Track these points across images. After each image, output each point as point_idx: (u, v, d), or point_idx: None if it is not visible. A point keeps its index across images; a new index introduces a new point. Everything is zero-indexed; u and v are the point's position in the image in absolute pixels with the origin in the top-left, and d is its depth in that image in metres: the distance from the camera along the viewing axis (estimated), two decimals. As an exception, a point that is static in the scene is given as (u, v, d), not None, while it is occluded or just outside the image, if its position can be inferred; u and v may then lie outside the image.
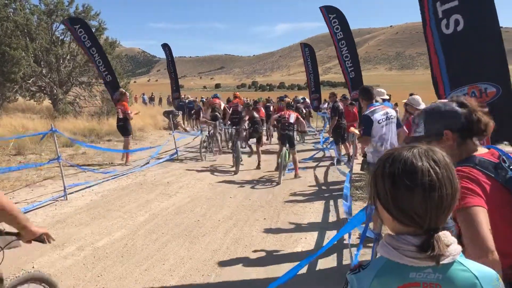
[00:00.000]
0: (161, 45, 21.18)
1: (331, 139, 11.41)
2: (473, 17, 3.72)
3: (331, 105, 11.36)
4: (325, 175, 8.99)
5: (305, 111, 17.62)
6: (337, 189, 7.51)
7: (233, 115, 11.91)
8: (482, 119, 1.64)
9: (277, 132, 9.36)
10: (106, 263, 4.24)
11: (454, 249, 1.00)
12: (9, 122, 13.17)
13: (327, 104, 17.19)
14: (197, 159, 10.92)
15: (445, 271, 0.99)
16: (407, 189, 0.98)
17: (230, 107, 12.25)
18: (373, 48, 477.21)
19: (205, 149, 11.17)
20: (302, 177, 8.66)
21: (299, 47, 19.87)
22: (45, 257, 4.39)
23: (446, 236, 1.00)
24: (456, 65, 3.97)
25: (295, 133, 9.45)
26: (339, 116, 10.24)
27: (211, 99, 13.14)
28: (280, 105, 13.75)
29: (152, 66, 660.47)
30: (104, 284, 3.80)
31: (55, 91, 17.73)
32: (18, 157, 9.79)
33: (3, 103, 16.91)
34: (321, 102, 19.56)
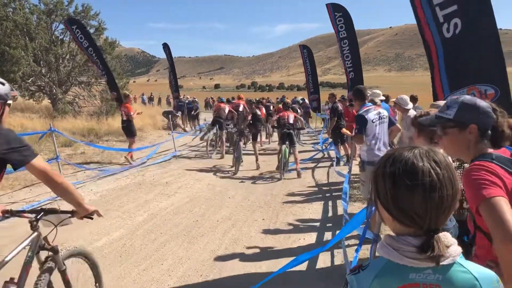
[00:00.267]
0: (162, 44, 21.18)
1: (330, 140, 11.41)
2: (471, 19, 3.74)
3: (330, 106, 11.35)
4: (324, 176, 8.99)
5: (300, 111, 17.70)
6: (336, 189, 7.51)
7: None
8: (505, 130, 1.70)
9: (277, 132, 9.66)
10: (104, 263, 4.22)
11: (454, 251, 0.99)
12: (8, 121, 13.11)
13: (328, 105, 17.22)
14: (199, 157, 10.91)
15: (445, 272, 0.99)
16: (407, 189, 0.98)
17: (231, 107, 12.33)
18: (372, 49, 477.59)
19: (212, 147, 11.58)
20: (301, 177, 8.67)
21: (298, 48, 19.93)
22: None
23: (446, 237, 1.00)
24: (455, 67, 3.99)
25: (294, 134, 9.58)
26: (338, 117, 10.23)
27: (217, 103, 13.30)
28: (280, 106, 13.92)
29: (151, 66, 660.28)
30: (102, 284, 3.78)
31: (54, 91, 17.71)
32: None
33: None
34: (320, 103, 19.59)
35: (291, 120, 9.08)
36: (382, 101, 6.50)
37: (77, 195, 2.44)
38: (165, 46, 20.99)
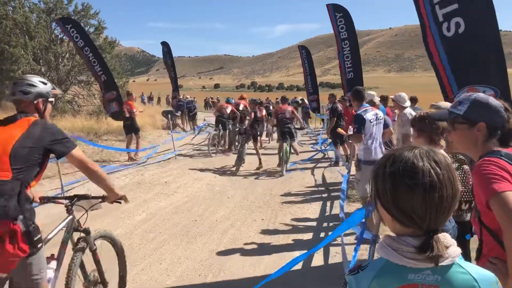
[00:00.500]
0: (161, 43, 21.00)
1: (330, 140, 11.42)
2: (474, 19, 3.73)
3: (330, 106, 11.36)
4: (323, 176, 8.99)
5: (301, 113, 17.87)
6: (335, 190, 7.51)
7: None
8: None
9: (277, 130, 9.97)
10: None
11: (453, 251, 0.99)
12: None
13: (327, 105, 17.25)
14: (198, 157, 10.91)
15: (444, 273, 0.99)
16: (407, 189, 0.98)
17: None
18: (372, 50, 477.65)
19: (213, 147, 11.67)
20: (300, 178, 8.67)
21: (298, 48, 19.91)
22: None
23: (445, 237, 1.00)
24: (460, 66, 3.98)
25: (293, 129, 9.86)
26: (337, 117, 10.24)
27: (221, 103, 13.44)
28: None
29: (151, 65, 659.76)
30: (100, 283, 3.78)
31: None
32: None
33: (1, 101, 16.87)
34: (320, 103, 19.57)
35: (287, 114, 9.42)
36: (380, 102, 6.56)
37: (109, 182, 2.74)
38: (164, 44, 20.75)
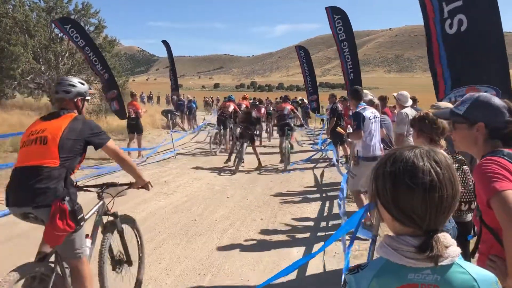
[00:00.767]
0: (162, 41, 21.03)
1: (329, 140, 11.42)
2: (477, 18, 3.69)
3: (330, 106, 11.36)
4: (323, 176, 8.99)
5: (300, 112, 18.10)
6: (334, 190, 7.51)
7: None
8: None
9: (277, 126, 10.93)
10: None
11: (453, 251, 0.99)
12: (7, 118, 13.12)
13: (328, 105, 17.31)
14: (198, 156, 10.90)
15: (444, 272, 0.99)
16: (407, 189, 0.98)
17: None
18: (372, 50, 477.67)
19: (215, 145, 11.92)
20: (299, 177, 8.67)
21: (295, 49, 19.80)
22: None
23: (445, 237, 1.00)
24: (457, 65, 3.95)
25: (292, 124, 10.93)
26: (337, 117, 10.23)
27: (223, 102, 13.63)
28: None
29: (151, 65, 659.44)
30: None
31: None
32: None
33: (1, 99, 16.86)
34: (319, 103, 19.55)
35: (285, 111, 10.49)
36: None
37: (138, 169, 3.15)
38: (165, 43, 20.82)
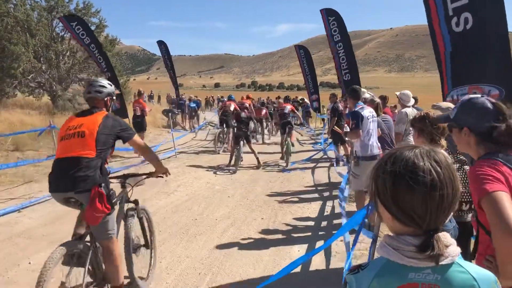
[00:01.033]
0: (157, 42, 20.79)
1: (330, 140, 11.43)
2: (482, 16, 3.68)
3: (331, 106, 11.36)
4: (323, 175, 8.99)
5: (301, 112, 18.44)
6: (335, 189, 7.50)
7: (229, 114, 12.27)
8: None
9: (279, 125, 11.39)
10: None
11: (453, 251, 1.00)
12: (8, 117, 13.13)
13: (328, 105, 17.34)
14: (198, 155, 10.91)
15: (444, 272, 0.99)
16: (408, 188, 0.98)
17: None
18: (373, 50, 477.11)
19: (220, 143, 12.17)
20: (300, 177, 8.67)
21: (295, 48, 19.71)
22: (42, 253, 4.38)
23: (445, 236, 1.00)
24: (461, 63, 3.93)
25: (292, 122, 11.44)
26: (338, 117, 10.23)
27: (226, 102, 13.78)
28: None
29: (152, 64, 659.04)
30: (100, 281, 3.78)
31: (54, 88, 17.70)
32: (16, 153, 9.77)
33: (2, 98, 16.87)
34: (320, 103, 19.50)
35: (286, 110, 11.03)
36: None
37: (158, 159, 3.62)
38: (161, 43, 20.56)
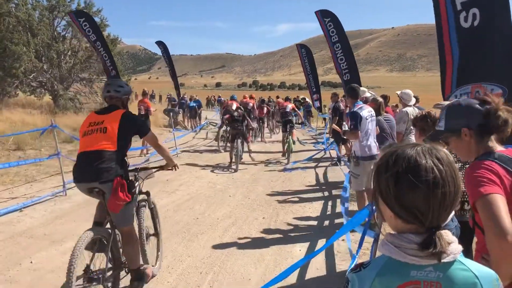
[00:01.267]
0: (156, 42, 20.77)
1: (332, 139, 11.43)
2: (489, 12, 3.64)
3: (332, 105, 11.35)
4: (325, 175, 8.99)
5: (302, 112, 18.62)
6: (336, 189, 7.51)
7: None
8: (501, 115, 1.64)
9: (281, 123, 11.91)
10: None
11: (455, 248, 0.99)
12: (9, 117, 13.16)
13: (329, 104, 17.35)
14: (200, 155, 10.92)
15: (446, 269, 0.99)
16: (410, 186, 0.98)
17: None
18: (374, 49, 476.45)
19: (223, 142, 12.39)
20: (301, 176, 8.67)
21: (296, 47, 19.69)
22: (43, 252, 4.39)
23: (447, 234, 1.00)
24: (467, 61, 3.90)
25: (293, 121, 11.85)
26: (340, 116, 10.23)
27: (228, 101, 13.79)
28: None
29: (153, 63, 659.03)
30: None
31: (55, 87, 17.73)
32: (17, 152, 9.79)
33: (3, 98, 16.90)
34: (322, 102, 19.49)
35: (287, 109, 11.57)
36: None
37: (169, 153, 3.80)
38: (160, 44, 20.51)
